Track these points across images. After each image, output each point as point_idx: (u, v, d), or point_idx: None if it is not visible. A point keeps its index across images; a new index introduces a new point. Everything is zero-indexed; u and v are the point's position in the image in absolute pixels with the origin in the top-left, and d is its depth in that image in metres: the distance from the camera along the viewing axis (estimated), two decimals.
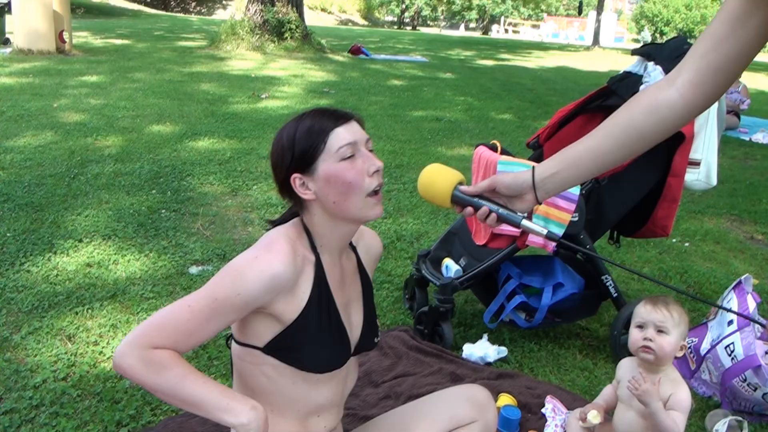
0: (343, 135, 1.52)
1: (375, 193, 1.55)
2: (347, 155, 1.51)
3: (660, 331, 2.13)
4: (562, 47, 31.78)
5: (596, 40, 31.09)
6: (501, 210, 1.52)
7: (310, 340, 1.55)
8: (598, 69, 19.24)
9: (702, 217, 5.47)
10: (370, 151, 1.58)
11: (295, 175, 1.54)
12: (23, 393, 2.52)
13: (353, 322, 1.71)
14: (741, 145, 8.66)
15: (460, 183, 1.57)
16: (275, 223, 1.66)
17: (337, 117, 1.55)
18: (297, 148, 1.53)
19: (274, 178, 1.61)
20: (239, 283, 1.43)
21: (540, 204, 1.59)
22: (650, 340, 2.14)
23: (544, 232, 1.49)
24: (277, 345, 1.54)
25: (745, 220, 5.51)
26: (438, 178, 1.58)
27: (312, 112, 1.57)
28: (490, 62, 18.83)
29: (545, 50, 27.51)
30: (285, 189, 1.59)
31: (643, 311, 2.20)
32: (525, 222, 1.50)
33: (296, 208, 1.63)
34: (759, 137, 9.13)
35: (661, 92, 1.43)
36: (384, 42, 24.19)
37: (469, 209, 1.54)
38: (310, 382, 1.60)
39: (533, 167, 1.54)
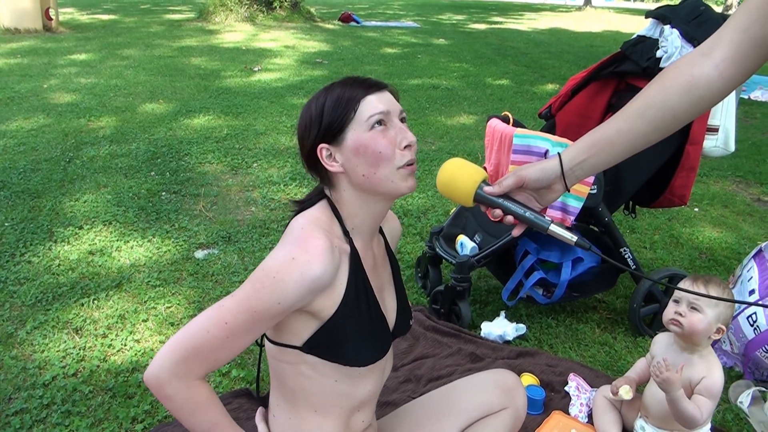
0: (374, 103, 1.41)
1: (407, 165, 1.44)
2: (378, 122, 1.41)
3: (693, 308, 2.07)
4: (553, 8, 31.51)
5: (588, 0, 30.82)
6: (528, 214, 1.41)
7: (351, 334, 1.46)
8: (592, 29, 19.10)
9: (707, 180, 5.41)
10: (403, 121, 1.47)
11: (322, 145, 1.43)
12: (33, 392, 2.44)
13: (388, 307, 1.63)
14: (740, 103, 8.57)
15: (484, 181, 1.45)
16: (302, 204, 1.54)
17: (369, 85, 1.44)
18: (326, 116, 1.41)
19: (300, 150, 1.49)
20: (278, 292, 1.32)
21: (569, 191, 1.50)
22: (681, 314, 2.08)
23: (574, 239, 1.39)
24: (317, 342, 1.44)
25: (750, 182, 5.45)
26: (460, 176, 1.45)
27: (342, 81, 1.46)
28: (482, 26, 18.64)
29: (537, 11, 27.27)
30: (311, 162, 1.48)
31: (682, 286, 2.15)
32: (553, 227, 1.40)
33: (323, 185, 1.52)
34: (758, 95, 9.06)
35: (697, 68, 1.32)
36: (374, 8, 23.94)
37: (498, 211, 1.44)
38: (352, 377, 1.51)
39: (559, 154, 1.43)
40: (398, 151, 1.42)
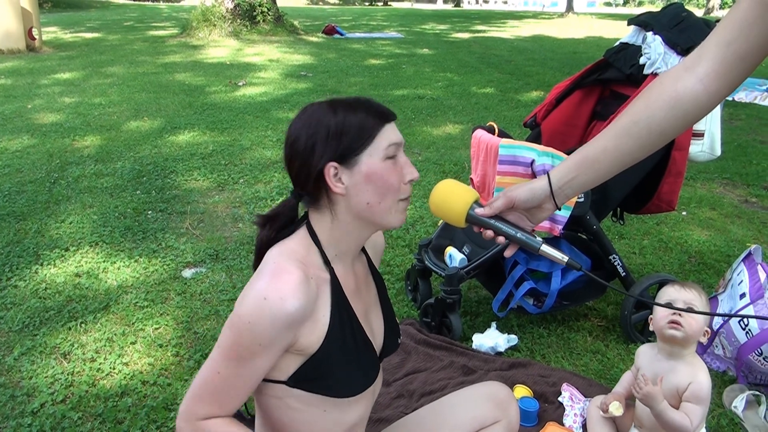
0: (392, 134, 1.41)
1: (404, 199, 1.45)
2: (392, 155, 1.41)
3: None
4: (536, 15, 31.67)
5: (570, 6, 31.01)
6: (520, 234, 1.43)
7: (337, 365, 1.43)
8: (575, 36, 19.20)
9: (694, 184, 5.42)
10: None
11: (333, 163, 1.38)
12: (21, 420, 2.41)
13: (375, 329, 1.60)
14: (724, 105, 8.59)
15: (476, 202, 1.47)
16: (269, 219, 1.47)
17: (387, 114, 1.43)
18: (346, 138, 1.37)
19: (299, 163, 1.41)
20: (256, 335, 1.31)
21: (560, 210, 1.51)
22: (679, 315, 2.06)
23: (565, 259, 1.41)
24: (303, 376, 1.41)
25: (737, 184, 5.47)
26: (452, 198, 1.47)
27: (361, 104, 1.42)
28: (465, 35, 18.70)
29: (520, 19, 27.40)
30: (311, 179, 1.41)
31: (672, 290, 2.14)
32: (544, 247, 1.41)
33: (309, 206, 1.46)
34: (742, 96, 9.11)
35: (681, 83, 1.31)
36: (357, 20, 24.00)
37: (490, 233, 1.45)
38: (341, 406, 1.49)
39: (548, 174, 1.43)
40: (402, 185, 1.43)
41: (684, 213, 4.71)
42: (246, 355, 1.32)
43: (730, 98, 8.89)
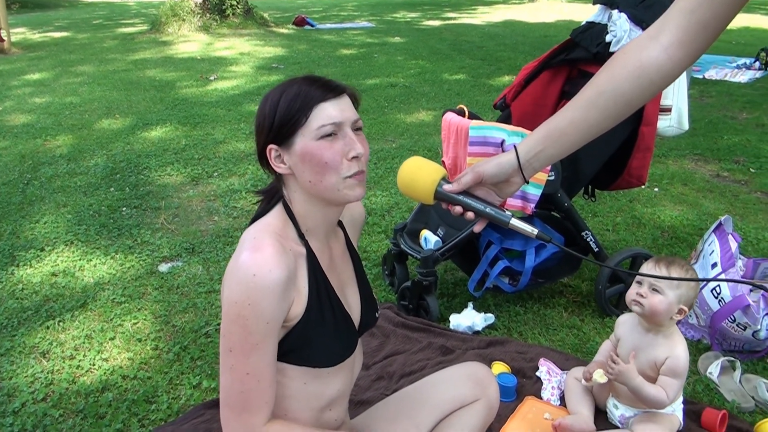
0: (328, 112, 1.39)
1: (354, 175, 1.43)
2: (327, 134, 1.39)
3: (654, 289, 2.11)
4: (506, 0, 31.70)
5: None
6: (489, 209, 1.44)
7: (317, 336, 1.46)
8: (545, 20, 19.20)
9: (666, 160, 5.47)
10: (357, 130, 1.45)
11: (272, 146, 1.42)
12: (3, 420, 2.40)
13: (351, 303, 1.62)
14: (695, 83, 8.67)
15: (444, 178, 1.47)
16: (263, 194, 1.54)
17: (328, 89, 1.41)
18: (277, 118, 1.40)
19: (256, 144, 1.48)
20: (260, 313, 1.32)
21: (528, 183, 1.52)
22: (641, 296, 2.12)
23: (535, 232, 1.42)
24: (286, 348, 1.44)
25: (708, 159, 5.53)
26: (419, 175, 1.47)
27: (302, 79, 1.44)
28: (436, 22, 18.66)
29: (490, 5, 27.39)
30: (263, 159, 1.47)
31: (644, 269, 2.21)
32: (514, 221, 1.42)
33: (276, 182, 1.51)
34: (712, 74, 9.18)
35: (646, 53, 1.33)
36: (327, 10, 23.86)
37: (458, 208, 1.46)
38: (321, 378, 1.51)
39: (515, 147, 1.45)
40: (345, 161, 1.41)
41: (656, 189, 4.76)
42: (260, 340, 1.34)
43: (700, 76, 8.97)
